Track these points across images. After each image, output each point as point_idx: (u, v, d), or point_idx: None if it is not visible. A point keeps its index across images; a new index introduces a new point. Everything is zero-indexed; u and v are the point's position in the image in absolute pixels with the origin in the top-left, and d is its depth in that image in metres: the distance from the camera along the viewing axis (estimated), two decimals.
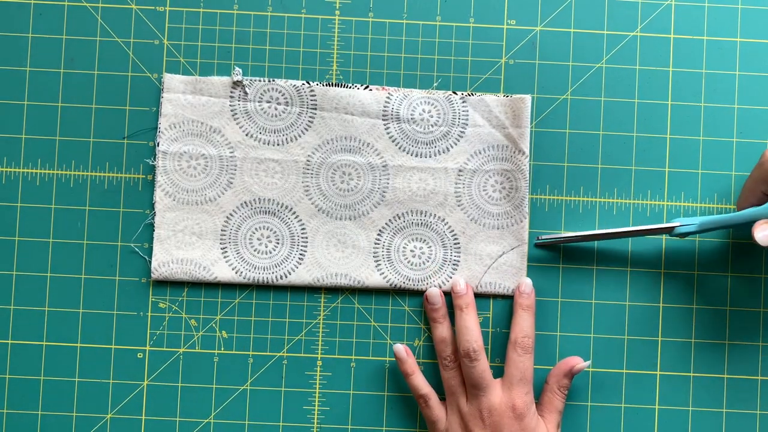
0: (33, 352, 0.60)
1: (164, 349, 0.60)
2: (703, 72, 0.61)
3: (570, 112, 0.61)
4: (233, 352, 0.60)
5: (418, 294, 0.60)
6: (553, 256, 0.61)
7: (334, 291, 0.61)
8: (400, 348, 0.58)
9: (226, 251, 0.60)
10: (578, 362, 0.58)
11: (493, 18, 0.61)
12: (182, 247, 0.59)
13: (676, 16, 0.61)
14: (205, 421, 0.60)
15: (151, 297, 0.60)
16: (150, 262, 0.60)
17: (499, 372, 0.59)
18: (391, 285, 0.60)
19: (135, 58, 0.61)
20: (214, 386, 0.60)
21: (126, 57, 0.61)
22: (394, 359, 0.61)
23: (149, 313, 0.60)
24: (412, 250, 0.60)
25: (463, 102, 0.60)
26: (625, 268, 0.61)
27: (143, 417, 0.60)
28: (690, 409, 0.60)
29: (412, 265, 0.60)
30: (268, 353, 0.60)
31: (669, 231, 0.57)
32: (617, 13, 0.61)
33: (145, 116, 0.61)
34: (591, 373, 0.60)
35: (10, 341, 0.60)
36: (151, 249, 0.60)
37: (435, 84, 0.61)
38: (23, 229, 0.60)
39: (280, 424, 0.60)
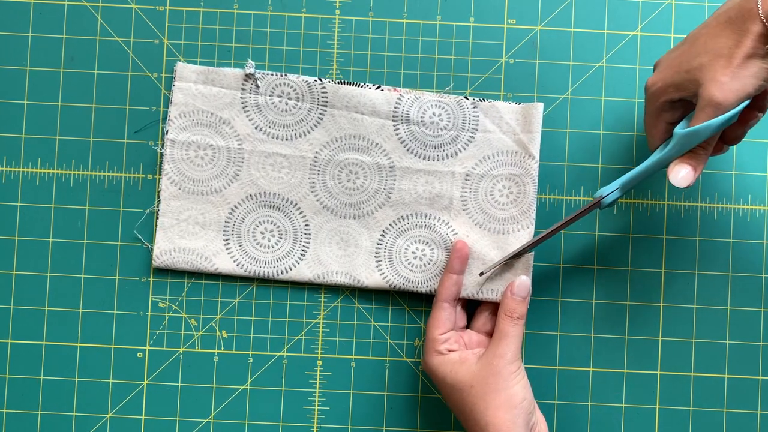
0: (33, 352, 0.60)
1: (164, 348, 0.60)
2: None
3: (570, 112, 0.61)
4: (233, 351, 0.60)
5: (419, 294, 0.60)
6: (553, 256, 0.61)
7: (334, 290, 0.61)
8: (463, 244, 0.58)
9: (229, 243, 0.60)
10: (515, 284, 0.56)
11: (493, 17, 0.61)
12: (185, 237, 0.59)
13: (676, 15, 0.61)
14: (205, 420, 0.60)
15: (151, 296, 0.60)
16: (152, 249, 0.60)
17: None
18: (390, 286, 0.59)
19: (135, 58, 0.61)
20: (214, 386, 0.60)
21: (126, 56, 0.61)
22: (394, 359, 0.61)
23: (149, 313, 0.60)
24: (414, 252, 0.60)
25: (474, 107, 0.59)
26: (626, 268, 0.61)
27: (143, 417, 0.60)
28: (690, 409, 0.60)
29: (413, 266, 0.59)
30: (268, 353, 0.60)
31: (598, 205, 0.55)
32: (617, 13, 0.61)
33: (146, 115, 0.61)
34: (591, 373, 0.60)
35: (10, 341, 0.60)
36: (151, 249, 0.60)
37: (448, 87, 0.61)
38: (23, 228, 0.60)
39: (280, 424, 0.60)
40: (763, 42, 0.47)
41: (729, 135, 0.53)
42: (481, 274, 0.58)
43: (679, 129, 0.51)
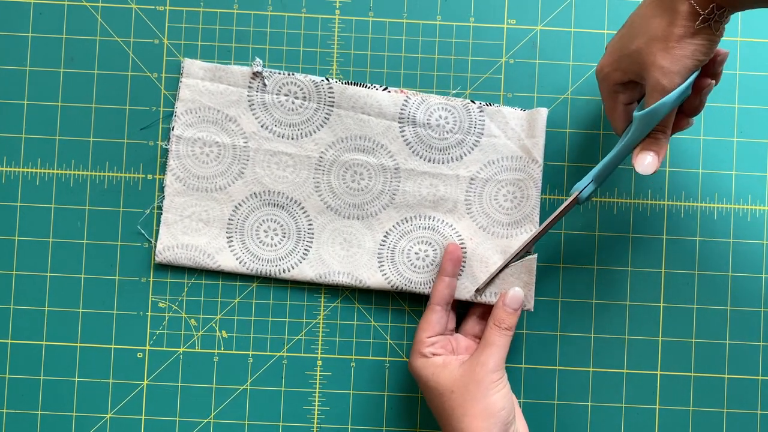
0: (33, 352, 0.60)
1: (164, 348, 0.60)
2: None
3: (570, 112, 0.61)
4: (233, 351, 0.60)
5: (419, 294, 0.60)
6: (553, 257, 0.61)
7: (334, 290, 0.61)
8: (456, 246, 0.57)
9: (232, 241, 0.60)
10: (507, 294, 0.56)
11: (493, 17, 0.61)
12: (188, 233, 0.59)
13: None
14: (205, 420, 0.60)
15: (151, 296, 0.60)
16: (155, 245, 0.60)
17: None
18: (392, 286, 0.59)
19: (135, 58, 0.61)
20: (214, 386, 0.60)
21: (126, 57, 0.61)
22: (393, 359, 0.61)
23: (149, 313, 0.60)
24: (416, 253, 0.59)
25: (480, 111, 0.59)
26: (626, 268, 0.61)
27: (143, 417, 0.60)
28: (690, 409, 0.60)
29: (415, 267, 0.59)
30: (268, 353, 0.60)
31: (577, 202, 0.55)
32: (617, 13, 0.61)
33: (146, 115, 0.61)
34: (591, 373, 0.60)
35: (10, 341, 0.60)
36: (151, 247, 0.60)
37: (455, 90, 0.61)
38: (23, 228, 0.60)
39: (280, 424, 0.60)
40: (693, 20, 0.47)
41: (687, 107, 0.53)
42: (478, 290, 0.58)
43: (637, 112, 0.51)
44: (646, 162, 0.51)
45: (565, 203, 0.55)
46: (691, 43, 0.47)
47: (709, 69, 0.51)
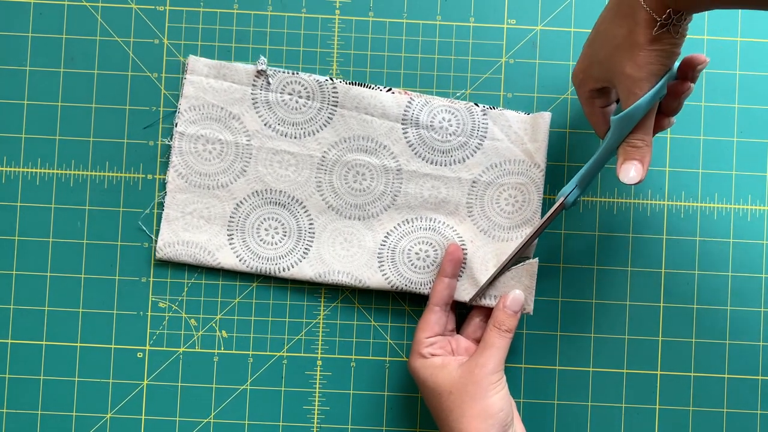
0: (33, 352, 0.60)
1: (164, 348, 0.60)
2: (704, 72, 0.61)
3: (570, 112, 0.61)
4: (233, 351, 0.60)
5: (419, 294, 0.60)
6: (553, 257, 0.61)
7: (334, 290, 0.61)
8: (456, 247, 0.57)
9: (233, 238, 0.60)
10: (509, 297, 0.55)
11: (493, 17, 0.61)
12: (189, 230, 0.60)
13: None
14: (205, 420, 0.60)
15: (151, 296, 0.60)
16: (155, 241, 0.60)
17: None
18: (392, 286, 0.59)
19: (135, 58, 0.61)
20: (214, 386, 0.60)
21: (126, 57, 0.61)
22: (394, 359, 0.61)
23: (149, 313, 0.60)
24: (417, 253, 0.59)
25: (483, 114, 0.59)
26: (626, 268, 0.61)
27: (143, 417, 0.60)
28: (690, 409, 0.60)
29: (415, 267, 0.59)
30: (268, 353, 0.60)
31: (563, 208, 0.55)
32: None
33: (146, 115, 0.61)
34: (591, 373, 0.60)
35: (10, 341, 0.60)
36: (152, 247, 0.60)
37: (458, 94, 0.61)
38: (23, 228, 0.60)
39: (280, 424, 0.60)
40: (652, 27, 0.47)
41: (666, 108, 0.53)
42: (474, 296, 0.57)
43: (614, 116, 0.51)
44: (630, 174, 0.51)
45: (552, 209, 0.55)
46: (654, 49, 0.48)
47: (689, 74, 0.52)
